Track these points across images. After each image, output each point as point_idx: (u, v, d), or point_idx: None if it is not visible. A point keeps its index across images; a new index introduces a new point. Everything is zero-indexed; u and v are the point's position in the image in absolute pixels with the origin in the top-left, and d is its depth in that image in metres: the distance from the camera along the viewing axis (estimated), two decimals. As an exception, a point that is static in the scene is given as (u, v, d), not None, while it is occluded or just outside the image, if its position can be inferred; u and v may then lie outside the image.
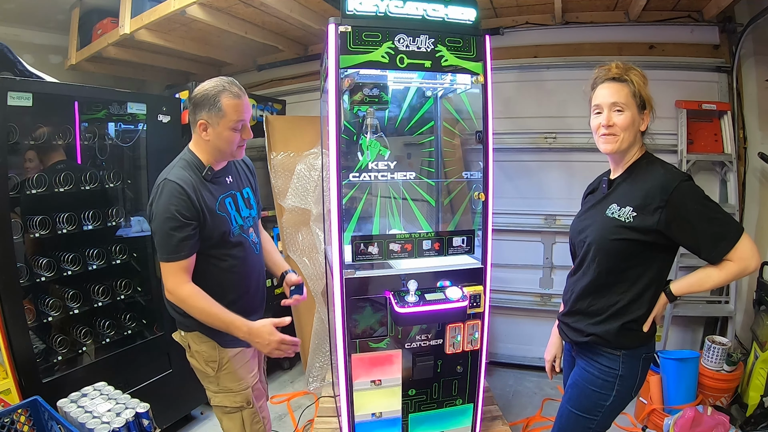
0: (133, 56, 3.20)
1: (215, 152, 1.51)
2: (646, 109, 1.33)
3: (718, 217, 1.25)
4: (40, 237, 1.97)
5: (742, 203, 2.72)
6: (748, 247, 1.23)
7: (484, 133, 1.66)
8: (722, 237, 1.23)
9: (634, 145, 1.35)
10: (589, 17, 2.87)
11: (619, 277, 1.34)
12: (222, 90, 1.43)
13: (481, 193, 1.69)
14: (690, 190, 1.25)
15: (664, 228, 1.25)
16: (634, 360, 1.36)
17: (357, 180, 1.72)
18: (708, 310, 2.75)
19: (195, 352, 1.58)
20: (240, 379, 1.59)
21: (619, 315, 1.34)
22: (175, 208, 1.39)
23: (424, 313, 1.56)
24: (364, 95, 1.65)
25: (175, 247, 1.40)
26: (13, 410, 1.42)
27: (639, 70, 1.34)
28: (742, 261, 1.23)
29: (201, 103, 1.44)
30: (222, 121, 1.44)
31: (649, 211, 1.26)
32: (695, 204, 1.24)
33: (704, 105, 2.66)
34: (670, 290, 1.33)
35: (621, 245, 1.30)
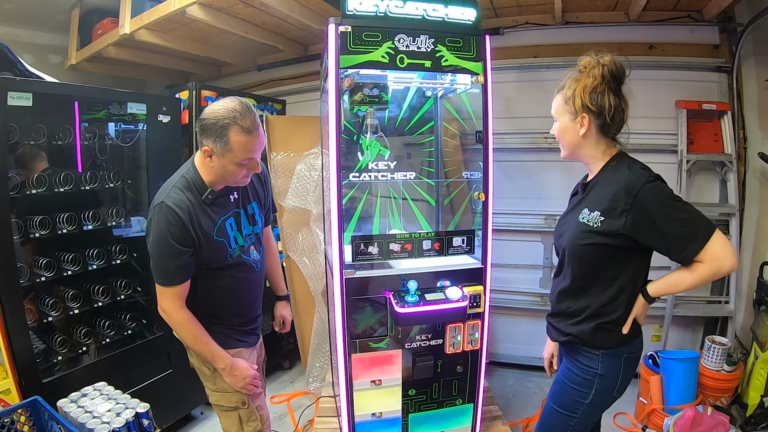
0: (133, 56, 3.20)
1: (217, 179, 1.45)
2: (579, 114, 1.30)
3: (684, 217, 1.20)
4: (40, 237, 1.97)
5: (742, 203, 2.72)
6: (720, 247, 1.18)
7: (484, 133, 1.66)
8: (690, 238, 1.19)
9: (585, 149, 1.34)
10: (589, 17, 2.87)
11: (593, 281, 1.34)
12: (233, 122, 1.31)
13: (481, 193, 1.69)
14: (654, 190, 1.21)
15: (630, 231, 1.23)
16: (614, 359, 1.36)
17: (357, 180, 1.72)
18: (708, 310, 2.75)
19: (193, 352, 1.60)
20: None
21: (595, 316, 1.34)
22: (170, 235, 1.35)
23: (424, 313, 1.56)
24: (364, 95, 1.65)
25: (171, 274, 1.39)
26: (13, 410, 1.42)
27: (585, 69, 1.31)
28: (713, 262, 1.19)
29: (208, 130, 1.33)
30: (228, 155, 1.35)
31: (615, 214, 1.24)
32: (660, 205, 1.20)
33: (704, 105, 2.66)
34: (647, 291, 1.32)
35: (592, 250, 1.30)
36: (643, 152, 2.81)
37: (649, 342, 2.90)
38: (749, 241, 2.74)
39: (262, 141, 1.41)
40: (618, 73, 1.29)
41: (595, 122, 1.30)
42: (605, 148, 1.34)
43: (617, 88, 1.30)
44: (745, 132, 2.75)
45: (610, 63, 1.28)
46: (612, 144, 1.34)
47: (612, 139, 1.34)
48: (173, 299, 1.43)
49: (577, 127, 1.32)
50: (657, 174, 1.25)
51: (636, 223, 1.21)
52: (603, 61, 1.28)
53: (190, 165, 1.48)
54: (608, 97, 1.28)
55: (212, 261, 1.48)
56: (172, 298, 1.42)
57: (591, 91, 1.28)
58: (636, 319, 1.35)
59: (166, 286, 1.41)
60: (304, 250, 2.88)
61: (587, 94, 1.28)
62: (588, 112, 1.29)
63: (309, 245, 2.88)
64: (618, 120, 1.31)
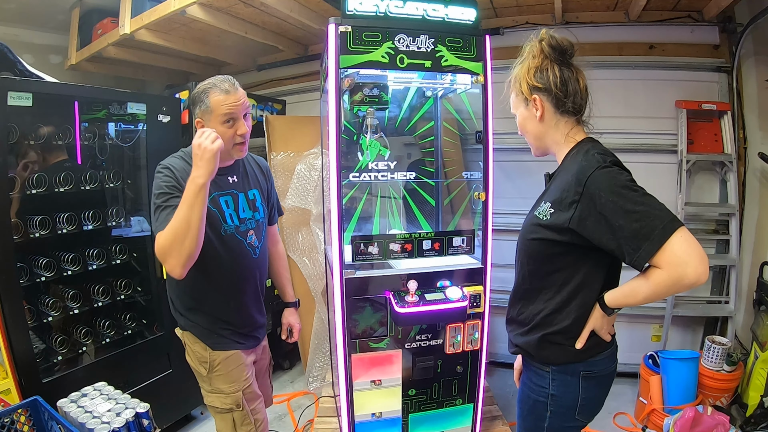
0: (133, 56, 3.20)
1: None
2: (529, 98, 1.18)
3: (638, 209, 0.97)
4: (40, 237, 1.97)
5: (742, 203, 2.72)
6: (681, 248, 0.94)
7: (484, 133, 1.66)
8: (644, 236, 0.96)
9: (549, 137, 1.21)
10: (589, 17, 2.87)
11: (543, 282, 1.18)
12: (211, 86, 1.45)
13: (481, 193, 1.69)
14: (606, 176, 1.01)
15: (577, 226, 1.04)
16: (567, 377, 1.18)
17: (357, 180, 1.72)
18: (708, 310, 2.75)
19: (190, 351, 1.61)
20: (231, 382, 1.59)
21: (542, 325, 1.18)
22: (164, 182, 1.41)
23: (424, 313, 1.56)
24: (364, 95, 1.65)
25: (164, 220, 1.34)
26: (13, 410, 1.41)
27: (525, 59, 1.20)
28: (672, 268, 0.95)
29: (194, 101, 1.48)
30: (211, 117, 1.45)
31: (564, 206, 1.07)
32: (611, 194, 0.99)
33: (704, 105, 2.66)
34: (604, 301, 1.13)
35: (539, 246, 1.15)
36: (643, 152, 2.82)
37: (649, 342, 2.91)
38: (749, 241, 2.74)
39: (241, 101, 1.48)
40: (560, 45, 1.15)
41: (548, 100, 1.17)
42: (568, 131, 1.18)
43: (564, 60, 1.16)
44: (745, 132, 2.75)
45: (547, 37, 1.16)
46: (575, 126, 1.19)
47: (574, 118, 1.19)
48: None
49: (532, 112, 1.19)
50: (615, 160, 1.07)
51: (584, 217, 1.03)
52: (539, 37, 1.17)
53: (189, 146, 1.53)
54: (553, 70, 1.14)
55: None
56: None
57: (535, 72, 1.16)
58: (596, 332, 1.16)
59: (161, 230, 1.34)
60: (304, 250, 2.88)
61: (531, 75, 1.17)
62: (537, 91, 1.17)
63: (309, 245, 2.88)
64: (573, 92, 1.15)
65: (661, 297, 1.06)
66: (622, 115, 2.81)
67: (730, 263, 2.66)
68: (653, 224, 0.96)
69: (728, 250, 2.72)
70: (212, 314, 1.57)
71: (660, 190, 2.98)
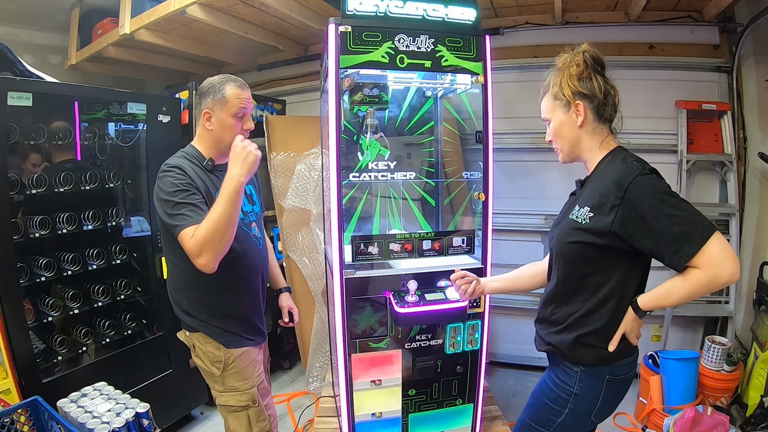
0: (133, 56, 3.20)
1: (217, 143, 1.52)
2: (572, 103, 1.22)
3: (679, 214, 1.05)
4: (40, 237, 1.97)
5: (742, 203, 2.72)
6: (719, 251, 1.02)
7: (484, 133, 1.66)
8: (685, 239, 1.04)
9: (585, 143, 1.25)
10: (589, 17, 2.87)
11: (579, 285, 1.22)
12: (227, 80, 1.51)
13: (481, 193, 1.70)
14: (647, 183, 1.09)
15: (618, 229, 1.10)
16: (593, 380, 1.23)
17: (357, 180, 1.72)
18: (708, 310, 2.75)
19: (200, 352, 1.58)
20: (245, 378, 1.59)
21: (576, 326, 1.22)
22: (172, 180, 1.40)
23: (424, 313, 1.56)
24: (364, 95, 1.65)
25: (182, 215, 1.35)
26: (13, 410, 1.41)
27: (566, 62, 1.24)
28: (709, 268, 1.03)
29: (206, 92, 1.50)
30: (225, 107, 1.48)
31: (604, 210, 1.12)
32: (652, 200, 1.07)
33: (704, 105, 2.66)
34: (637, 304, 1.17)
35: (577, 249, 1.19)
36: (643, 152, 2.77)
37: (649, 342, 2.90)
38: (749, 241, 2.74)
39: (251, 100, 1.55)
40: (599, 57, 1.24)
41: (590, 107, 1.22)
42: (603, 139, 1.24)
43: (602, 71, 1.25)
44: (745, 132, 2.75)
45: (589, 49, 1.24)
46: (609, 134, 1.26)
47: (609, 126, 1.26)
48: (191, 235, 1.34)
49: (572, 118, 1.23)
50: (653, 168, 1.13)
51: (625, 220, 1.09)
52: (581, 48, 1.24)
53: (188, 146, 1.58)
54: (596, 79, 1.22)
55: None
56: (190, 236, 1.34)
57: (578, 78, 1.22)
58: (626, 335, 1.20)
59: (184, 228, 1.33)
60: (304, 250, 2.88)
61: (575, 81, 1.22)
62: (581, 97, 1.21)
63: (309, 245, 2.88)
64: (611, 102, 1.23)
65: (696, 296, 1.10)
66: (622, 115, 2.80)
67: (730, 263, 2.66)
68: (693, 228, 1.03)
69: (728, 250, 2.72)
70: (225, 311, 1.56)
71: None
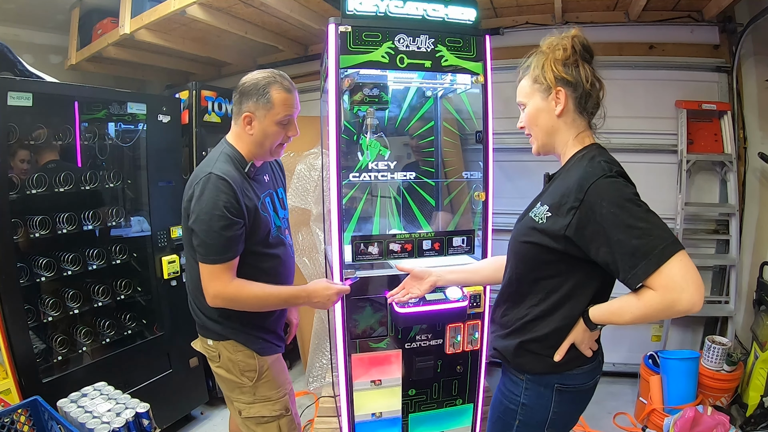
0: (133, 56, 3.20)
1: (257, 148, 1.42)
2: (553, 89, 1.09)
3: (640, 226, 0.91)
4: (41, 237, 1.97)
5: (742, 203, 2.72)
6: (680, 274, 0.88)
7: (484, 133, 1.67)
8: (643, 254, 0.90)
9: (560, 134, 1.13)
10: (589, 17, 2.87)
11: (530, 288, 1.12)
12: (273, 81, 1.36)
13: (481, 193, 1.70)
14: (610, 187, 0.96)
15: (573, 234, 0.99)
16: (540, 389, 1.13)
17: (357, 180, 1.73)
18: (708, 310, 2.75)
19: (229, 362, 1.45)
20: (279, 386, 1.50)
21: (522, 331, 1.13)
22: (223, 204, 1.27)
23: (424, 313, 1.56)
24: (364, 95, 1.65)
25: (224, 248, 1.29)
26: (13, 410, 1.41)
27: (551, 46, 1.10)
28: (666, 292, 0.89)
29: (249, 92, 1.36)
30: (269, 113, 1.36)
31: (562, 212, 1.01)
32: (612, 206, 0.93)
33: (704, 105, 2.66)
34: (588, 315, 1.06)
35: (531, 250, 1.09)
36: (643, 152, 2.82)
37: (649, 342, 2.90)
38: (749, 241, 2.74)
39: (298, 103, 1.43)
40: (588, 45, 1.10)
41: (572, 96, 1.09)
42: (579, 132, 1.12)
43: (590, 60, 1.11)
44: (745, 132, 2.75)
45: (579, 35, 1.09)
46: (587, 128, 1.13)
47: (588, 120, 1.13)
48: (223, 275, 1.31)
49: (551, 105, 1.10)
50: (622, 171, 1.01)
51: (582, 226, 0.97)
52: (570, 33, 1.10)
53: (225, 143, 1.44)
54: (583, 67, 1.08)
55: (258, 237, 1.40)
56: (221, 275, 1.30)
57: (563, 63, 1.08)
58: (576, 345, 1.10)
59: (218, 263, 1.29)
60: (304, 250, 2.88)
61: (560, 66, 1.08)
62: (564, 84, 1.08)
63: (309, 245, 2.88)
64: (596, 94, 1.10)
65: (650, 320, 1.01)
66: (622, 115, 2.81)
67: (730, 263, 2.66)
68: (654, 243, 0.90)
69: (728, 250, 2.72)
70: (260, 319, 1.46)
71: (660, 190, 2.98)
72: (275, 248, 1.47)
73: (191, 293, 1.48)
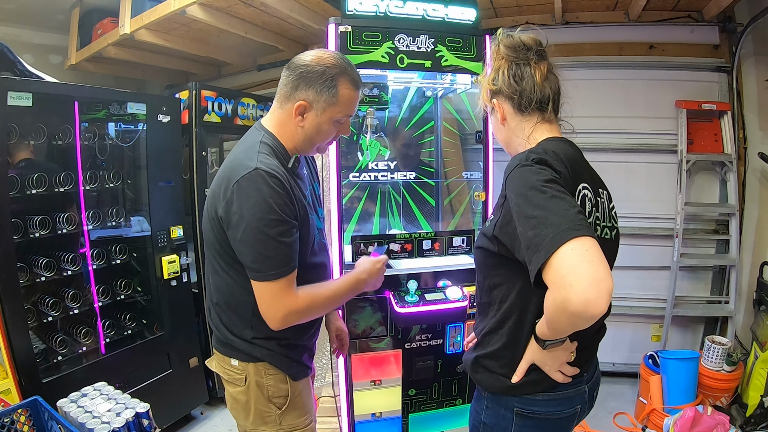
0: (133, 56, 3.20)
1: (304, 143, 1.19)
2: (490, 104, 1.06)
3: (536, 214, 0.79)
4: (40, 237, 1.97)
5: (742, 203, 2.72)
6: (567, 266, 0.74)
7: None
8: (535, 246, 0.78)
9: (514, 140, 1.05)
10: (589, 17, 2.87)
11: (489, 297, 1.03)
12: (343, 73, 1.14)
13: (481, 192, 1.70)
14: (520, 175, 0.86)
15: (498, 233, 0.91)
16: (499, 409, 1.01)
17: (357, 180, 1.73)
18: (708, 310, 2.75)
19: (257, 387, 1.21)
20: (306, 413, 1.28)
21: (480, 344, 1.05)
22: (278, 206, 1.04)
23: (424, 313, 1.56)
24: (364, 95, 1.65)
25: (286, 258, 1.07)
26: (13, 410, 1.41)
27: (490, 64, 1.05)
28: (555, 289, 0.76)
29: (312, 78, 1.13)
30: (330, 108, 1.14)
31: (495, 211, 0.96)
32: (517, 196, 0.84)
33: (704, 105, 2.66)
34: (535, 330, 0.94)
35: (479, 255, 1.03)
36: (643, 152, 2.82)
37: (649, 342, 2.90)
38: (749, 241, 2.74)
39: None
40: (516, 43, 1.02)
41: (505, 101, 1.03)
42: (531, 131, 1.01)
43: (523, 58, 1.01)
44: (745, 132, 2.75)
45: (503, 37, 1.03)
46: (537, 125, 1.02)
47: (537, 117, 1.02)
48: (288, 289, 1.08)
49: (497, 117, 1.06)
50: (540, 158, 0.87)
51: (504, 223, 0.89)
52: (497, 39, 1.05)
53: (263, 132, 1.18)
54: (506, 70, 1.02)
55: (308, 245, 1.19)
56: (286, 290, 1.08)
57: (493, 77, 1.04)
58: (540, 367, 0.96)
59: (282, 277, 1.06)
60: (304, 250, 2.88)
61: (490, 80, 1.05)
62: (494, 95, 1.04)
63: (309, 245, 2.88)
64: (529, 88, 1.00)
65: (560, 327, 0.84)
66: (622, 115, 2.81)
67: (730, 263, 2.66)
68: (545, 233, 0.77)
69: (728, 250, 2.72)
70: (299, 337, 1.25)
71: (660, 190, 2.98)
72: (320, 255, 1.28)
73: (218, 307, 1.23)
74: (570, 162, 0.93)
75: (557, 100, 1.04)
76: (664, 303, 2.75)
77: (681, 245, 2.65)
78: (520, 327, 0.97)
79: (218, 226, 1.11)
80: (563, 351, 0.95)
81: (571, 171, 0.92)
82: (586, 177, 0.97)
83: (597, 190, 0.99)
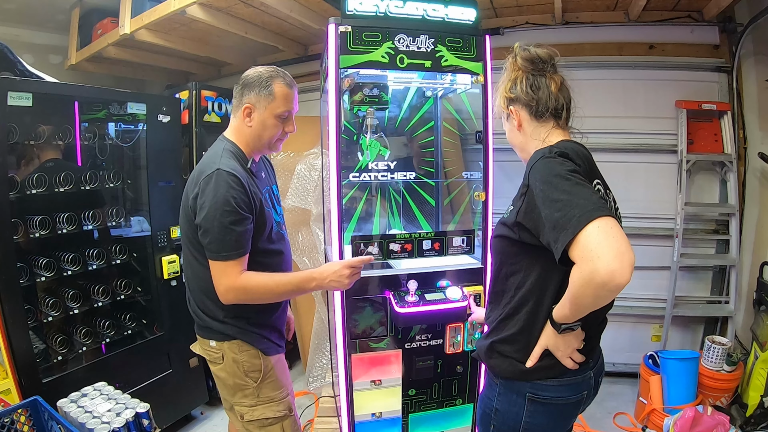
0: (133, 56, 3.21)
1: (255, 141, 1.43)
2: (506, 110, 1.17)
3: (562, 198, 0.88)
4: (41, 237, 1.97)
5: (742, 203, 2.72)
6: (594, 241, 0.82)
7: (484, 133, 1.67)
8: (561, 226, 0.86)
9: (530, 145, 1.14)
10: (589, 17, 2.87)
11: (504, 284, 1.11)
12: (276, 75, 1.40)
13: (481, 192, 1.70)
14: (544, 166, 0.96)
15: (523, 219, 0.99)
16: (511, 395, 1.08)
17: (357, 180, 1.73)
18: (708, 310, 2.75)
19: (233, 363, 1.42)
20: (282, 387, 1.49)
21: (495, 330, 1.12)
22: (234, 200, 1.27)
23: (424, 313, 1.56)
24: (364, 95, 1.65)
25: (236, 243, 1.29)
26: (13, 410, 1.41)
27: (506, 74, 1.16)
28: (584, 263, 0.83)
29: (251, 84, 1.38)
30: (270, 105, 1.38)
31: (516, 200, 1.05)
32: (542, 183, 0.93)
33: (704, 105, 2.66)
34: (552, 315, 1.01)
35: (498, 243, 1.11)
36: (643, 152, 2.82)
37: (649, 342, 2.91)
38: (749, 241, 2.74)
39: (297, 102, 1.46)
40: (533, 56, 1.11)
41: (522, 108, 1.13)
42: (546, 135, 1.11)
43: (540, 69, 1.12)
44: (745, 132, 2.75)
45: (520, 51, 1.12)
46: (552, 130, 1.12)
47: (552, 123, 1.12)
48: (234, 270, 1.30)
49: (513, 124, 1.16)
50: (562, 152, 0.99)
51: (528, 210, 0.98)
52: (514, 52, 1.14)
53: (224, 140, 1.44)
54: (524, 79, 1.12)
55: (263, 233, 1.41)
56: (232, 270, 1.29)
57: (510, 86, 1.14)
58: (553, 353, 1.04)
59: (231, 259, 1.28)
60: (304, 250, 2.88)
61: (507, 89, 1.15)
62: (511, 103, 1.14)
63: (309, 245, 2.88)
64: (545, 97, 1.10)
65: (584, 302, 0.91)
66: (622, 115, 2.81)
67: (730, 263, 2.66)
68: (571, 213, 0.85)
69: (728, 250, 2.72)
70: (265, 318, 1.46)
71: (660, 190, 2.97)
72: (277, 243, 1.49)
73: (193, 293, 1.46)
74: (585, 160, 1.04)
75: (569, 108, 1.14)
76: (664, 303, 2.75)
77: (681, 245, 2.66)
78: (536, 313, 1.04)
79: (192, 216, 1.33)
80: (575, 337, 1.03)
81: (588, 168, 1.03)
82: (598, 175, 1.09)
83: (606, 190, 1.09)
